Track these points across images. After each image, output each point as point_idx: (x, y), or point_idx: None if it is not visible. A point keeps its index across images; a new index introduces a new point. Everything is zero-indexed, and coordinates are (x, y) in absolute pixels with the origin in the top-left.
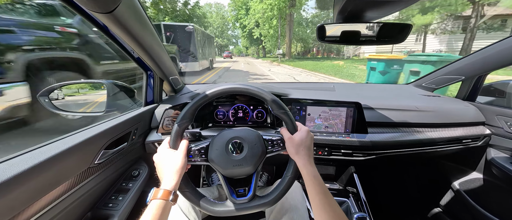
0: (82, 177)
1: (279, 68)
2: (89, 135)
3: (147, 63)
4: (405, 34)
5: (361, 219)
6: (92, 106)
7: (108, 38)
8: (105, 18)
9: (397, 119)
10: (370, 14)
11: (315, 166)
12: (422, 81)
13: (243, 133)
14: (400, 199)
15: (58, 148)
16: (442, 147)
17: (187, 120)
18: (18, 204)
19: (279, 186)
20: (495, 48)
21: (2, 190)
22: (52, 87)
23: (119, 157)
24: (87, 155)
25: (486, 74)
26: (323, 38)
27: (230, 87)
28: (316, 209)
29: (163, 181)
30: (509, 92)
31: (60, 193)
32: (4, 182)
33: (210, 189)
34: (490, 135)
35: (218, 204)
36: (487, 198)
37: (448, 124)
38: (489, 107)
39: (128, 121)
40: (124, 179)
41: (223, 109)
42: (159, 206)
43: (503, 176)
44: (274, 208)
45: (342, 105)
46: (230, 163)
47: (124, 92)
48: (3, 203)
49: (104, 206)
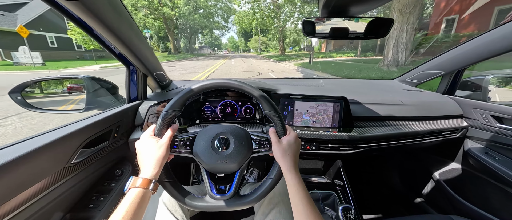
0: (58, 177)
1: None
2: (64, 133)
3: (127, 57)
4: (387, 28)
5: (346, 210)
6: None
7: (86, 32)
8: (73, 6)
9: (382, 113)
10: (354, 9)
11: (299, 173)
12: (406, 77)
13: (231, 129)
14: (385, 190)
15: (30, 146)
16: (424, 139)
17: (175, 110)
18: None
19: (261, 187)
20: (472, 44)
21: None
22: (25, 83)
23: (100, 156)
24: (62, 154)
25: (464, 69)
26: (309, 33)
27: (222, 82)
28: (299, 217)
29: (142, 169)
30: (484, 86)
31: (34, 193)
32: None
33: (200, 187)
34: (467, 127)
35: (197, 198)
36: (464, 187)
37: (429, 117)
38: (467, 101)
39: (109, 118)
40: (106, 179)
41: (211, 105)
42: (138, 194)
43: (479, 165)
44: (263, 202)
45: (329, 100)
46: (214, 158)
47: (106, 89)
48: None
49: (84, 207)
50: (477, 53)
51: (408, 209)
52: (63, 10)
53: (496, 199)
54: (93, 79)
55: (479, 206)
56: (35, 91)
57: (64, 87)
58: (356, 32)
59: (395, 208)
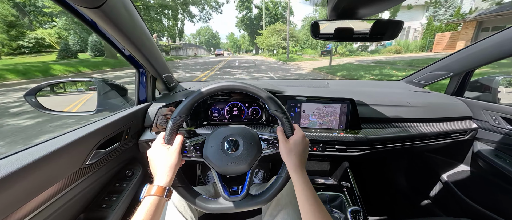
0: (74, 178)
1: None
2: (79, 135)
3: (138, 60)
4: (397, 30)
5: (354, 212)
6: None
7: (97, 35)
8: (93, 13)
9: (390, 114)
10: (363, 11)
11: (305, 172)
12: (413, 78)
13: (239, 131)
14: (392, 192)
15: (47, 149)
16: (432, 141)
17: (182, 116)
18: (5, 207)
19: (273, 186)
20: (481, 45)
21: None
22: (39, 86)
23: (112, 157)
24: (78, 156)
25: (473, 70)
26: (317, 35)
27: (228, 85)
28: (306, 216)
29: (156, 177)
30: (494, 87)
31: (51, 195)
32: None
33: (206, 187)
34: (476, 129)
35: (211, 201)
36: (473, 189)
37: (437, 119)
38: (476, 102)
39: (120, 120)
40: (118, 179)
41: (218, 107)
42: (153, 202)
43: (489, 168)
44: (270, 204)
45: (336, 101)
46: (225, 161)
47: (116, 91)
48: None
49: (97, 207)
50: (487, 54)
51: (415, 211)
52: (77, 14)
53: (506, 201)
54: (103, 82)
55: (489, 209)
56: (49, 93)
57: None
58: (362, 33)
59: (402, 210)
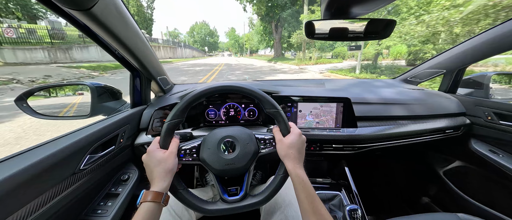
0: (67, 184)
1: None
2: (72, 140)
3: (132, 63)
4: (390, 29)
5: (353, 210)
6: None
7: (89, 38)
8: (83, 15)
9: (385, 112)
10: (356, 10)
11: (303, 170)
12: (407, 76)
13: (235, 131)
14: (390, 189)
15: (39, 154)
16: (427, 138)
17: (177, 118)
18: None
19: (271, 185)
20: (473, 42)
21: None
22: (30, 90)
23: (107, 161)
24: (71, 161)
25: (465, 67)
26: (312, 35)
27: (222, 85)
28: (305, 214)
29: (153, 182)
30: (486, 83)
31: (44, 201)
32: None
33: (204, 189)
34: (470, 125)
35: (210, 203)
36: (469, 184)
37: (432, 116)
38: (469, 99)
39: (115, 123)
40: (113, 183)
41: (214, 108)
42: (149, 209)
43: (483, 163)
44: (269, 204)
45: (333, 101)
46: (222, 162)
47: (110, 94)
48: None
49: (92, 212)
50: (479, 51)
51: (413, 208)
52: (69, 17)
53: (501, 195)
54: (97, 85)
55: (484, 203)
56: (41, 98)
57: (70, 93)
58: (356, 32)
59: (400, 207)
